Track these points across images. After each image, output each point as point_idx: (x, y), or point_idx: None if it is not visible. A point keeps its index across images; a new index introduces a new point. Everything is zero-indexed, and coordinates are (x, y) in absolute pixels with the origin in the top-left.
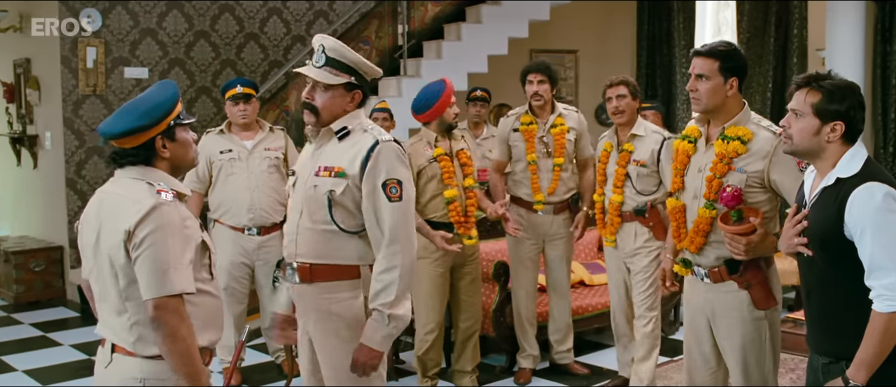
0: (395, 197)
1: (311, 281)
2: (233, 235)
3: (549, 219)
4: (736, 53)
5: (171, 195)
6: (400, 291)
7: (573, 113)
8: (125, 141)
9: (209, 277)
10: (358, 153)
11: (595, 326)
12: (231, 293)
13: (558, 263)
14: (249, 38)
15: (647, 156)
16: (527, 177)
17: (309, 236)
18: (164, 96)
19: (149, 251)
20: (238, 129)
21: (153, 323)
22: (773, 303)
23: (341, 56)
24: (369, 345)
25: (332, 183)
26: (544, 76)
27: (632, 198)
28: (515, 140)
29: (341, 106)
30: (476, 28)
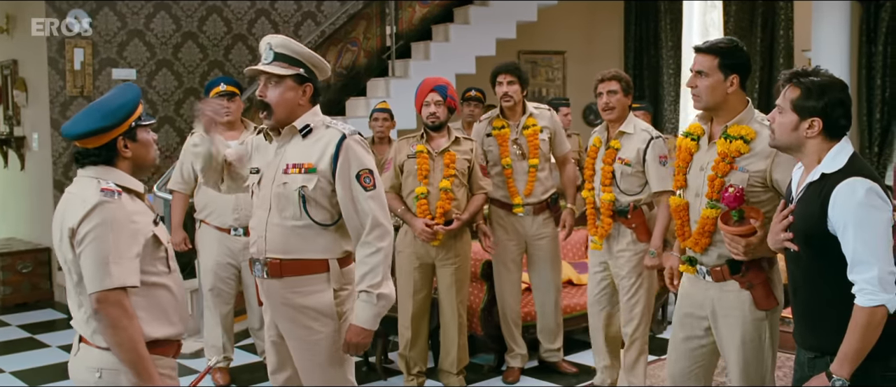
0: (370, 186)
1: (281, 276)
2: (218, 235)
3: (529, 220)
4: (737, 50)
5: (117, 192)
6: (384, 271)
7: (545, 111)
8: (88, 141)
9: (165, 270)
10: (326, 148)
11: (583, 325)
12: (217, 294)
13: (542, 264)
14: (237, 40)
15: (633, 155)
16: (503, 180)
17: (278, 232)
18: (126, 98)
19: (90, 247)
20: (223, 129)
21: (96, 316)
22: (774, 303)
23: (288, 50)
24: (361, 324)
25: (303, 179)
26: (513, 77)
27: (617, 197)
28: (489, 145)
29: (294, 100)
30: (464, 29)
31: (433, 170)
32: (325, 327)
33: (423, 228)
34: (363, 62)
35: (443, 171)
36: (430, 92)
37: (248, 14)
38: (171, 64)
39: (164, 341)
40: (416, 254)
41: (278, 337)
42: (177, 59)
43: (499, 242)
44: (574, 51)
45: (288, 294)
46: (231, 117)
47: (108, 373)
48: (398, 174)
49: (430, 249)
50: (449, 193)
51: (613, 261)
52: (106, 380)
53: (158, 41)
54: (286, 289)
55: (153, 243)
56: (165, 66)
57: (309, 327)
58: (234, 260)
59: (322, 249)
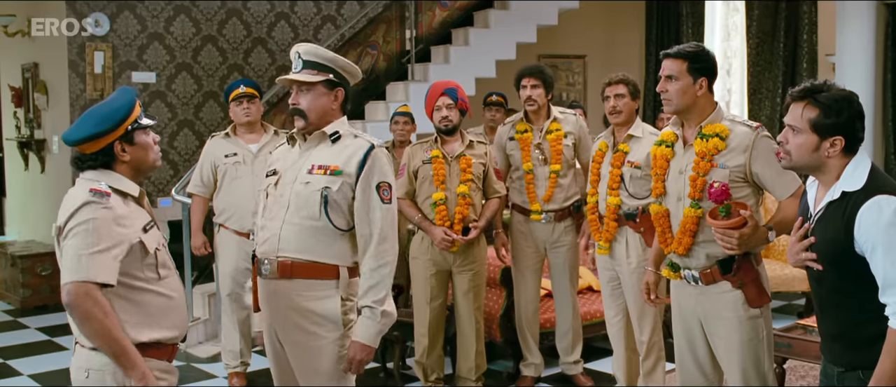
0: (387, 199)
1: (290, 277)
2: (237, 239)
3: (549, 227)
4: (704, 54)
5: (106, 194)
6: (387, 288)
7: (570, 116)
8: (86, 146)
9: (154, 276)
10: (354, 155)
11: (603, 332)
12: (235, 299)
13: (561, 272)
14: (257, 43)
15: (643, 158)
16: (524, 185)
17: (295, 232)
18: (121, 102)
19: (70, 242)
20: (243, 131)
21: (68, 308)
22: (766, 300)
23: (316, 56)
24: (363, 341)
25: (327, 180)
26: (537, 80)
27: (624, 201)
28: (512, 149)
29: (327, 105)
30: (484, 33)
31: (449, 175)
32: (330, 334)
33: (442, 237)
34: (383, 66)
35: (459, 175)
36: (441, 96)
37: (267, 17)
38: (190, 67)
39: (154, 343)
40: (433, 261)
41: (278, 344)
42: (196, 63)
43: (517, 249)
44: (595, 55)
45: (295, 297)
46: (251, 118)
47: (95, 373)
48: (412, 180)
49: (447, 255)
50: (467, 199)
51: (620, 267)
52: (93, 380)
53: (178, 44)
54: (294, 291)
55: (140, 249)
56: (185, 69)
57: (312, 333)
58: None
59: (334, 255)
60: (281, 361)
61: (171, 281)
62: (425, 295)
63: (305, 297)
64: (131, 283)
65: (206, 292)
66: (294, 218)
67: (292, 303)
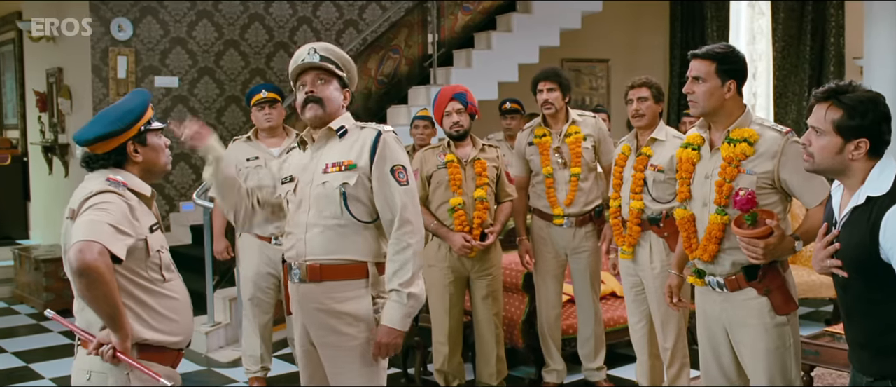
0: (404, 181)
1: (320, 280)
2: (259, 244)
3: (570, 232)
4: (734, 55)
5: (123, 184)
6: (415, 269)
7: (589, 119)
8: (98, 147)
9: (159, 277)
10: (364, 145)
11: (626, 338)
12: (257, 304)
13: (583, 277)
14: (279, 47)
15: (666, 161)
16: (544, 190)
17: (318, 233)
18: (135, 103)
19: (83, 216)
20: (265, 135)
21: (76, 269)
22: (793, 307)
23: (333, 55)
24: (391, 325)
25: (343, 176)
26: (554, 83)
27: (647, 205)
28: (531, 153)
29: (339, 101)
30: (506, 37)
31: (465, 179)
32: (361, 334)
33: (463, 243)
34: (404, 70)
35: (475, 179)
36: (450, 100)
37: (289, 22)
38: (213, 72)
39: (156, 346)
40: (451, 267)
41: (310, 345)
42: (219, 67)
43: (538, 255)
44: (618, 59)
45: (325, 299)
46: (272, 123)
47: (97, 375)
48: (425, 185)
49: (464, 261)
50: (485, 203)
51: (643, 272)
52: (95, 381)
53: (200, 49)
54: (324, 293)
55: (144, 248)
56: (207, 73)
57: (344, 334)
58: (275, 269)
59: (362, 251)
60: (313, 362)
61: (176, 284)
62: (444, 303)
63: (336, 298)
64: (136, 280)
65: (228, 296)
66: (317, 220)
67: (323, 306)
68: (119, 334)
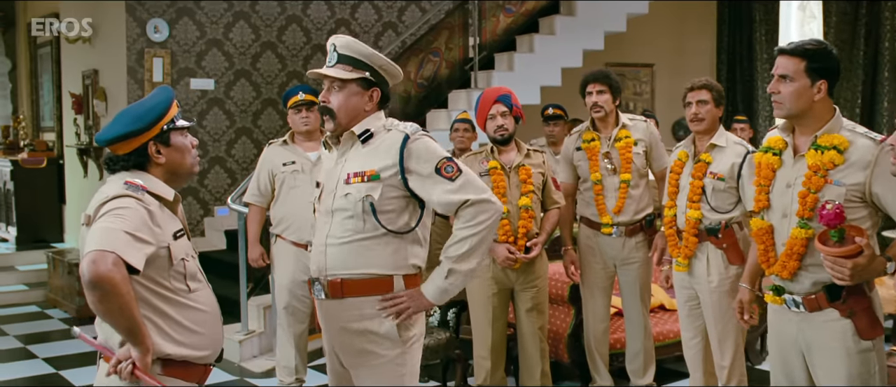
0: (454, 174)
1: (341, 296)
2: (295, 251)
3: (620, 241)
4: (826, 53)
5: (142, 188)
6: (472, 246)
7: (640, 123)
8: (118, 147)
9: (185, 288)
10: (390, 152)
11: (676, 353)
12: (292, 312)
13: (632, 290)
14: (317, 50)
15: (727, 169)
16: (592, 197)
17: (340, 247)
18: (157, 100)
19: (99, 223)
20: (301, 139)
21: (89, 281)
22: (879, 331)
23: (353, 52)
24: (423, 291)
25: (367, 189)
26: (604, 86)
27: (705, 215)
28: (579, 159)
29: (359, 106)
30: (549, 40)
31: (509, 187)
32: (389, 352)
33: (506, 255)
34: (445, 73)
35: (520, 187)
36: (494, 103)
37: (327, 24)
38: (249, 74)
39: (180, 361)
40: (495, 279)
41: (340, 366)
42: (255, 69)
43: (585, 265)
44: (663, 63)
45: (348, 317)
46: (309, 127)
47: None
48: None
49: (508, 272)
50: (530, 211)
51: (699, 285)
52: None
53: (237, 51)
54: (346, 311)
55: (167, 256)
56: (244, 76)
57: (372, 352)
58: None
59: (387, 264)
60: (342, 380)
61: (202, 294)
62: (487, 316)
63: (359, 316)
64: (158, 290)
65: (262, 304)
66: (338, 232)
67: (346, 324)
68: (139, 349)
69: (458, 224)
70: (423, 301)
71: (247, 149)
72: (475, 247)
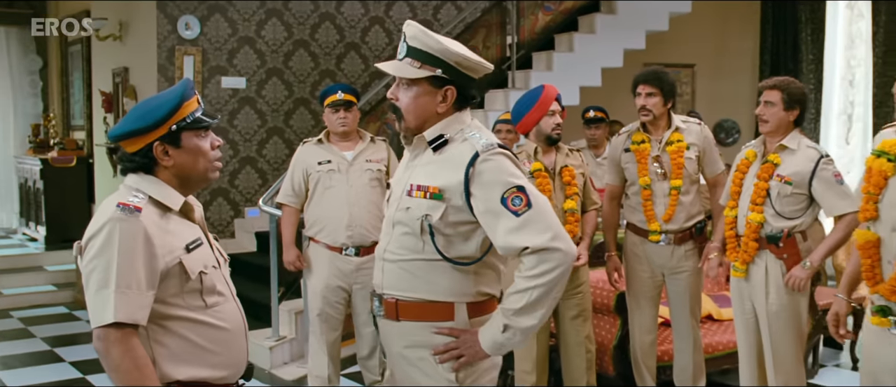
0: (522, 207)
1: (396, 319)
2: (329, 255)
3: (668, 249)
4: None
5: (136, 208)
6: (531, 300)
7: (694, 126)
8: (127, 144)
9: (201, 304)
10: (456, 170)
11: (725, 366)
12: (325, 319)
13: (681, 300)
14: (350, 48)
15: (796, 173)
16: (640, 202)
17: (395, 264)
18: (167, 96)
19: (91, 275)
20: (337, 138)
21: (98, 354)
22: None
23: (422, 44)
24: (479, 337)
25: (427, 207)
26: (654, 87)
27: (768, 220)
28: (627, 161)
29: (430, 107)
30: (589, 39)
31: (554, 190)
32: (444, 383)
33: None
34: None
35: (563, 189)
36: (555, 101)
37: (361, 22)
38: (281, 73)
39: (198, 384)
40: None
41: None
42: (287, 68)
43: (632, 274)
44: (704, 64)
45: (402, 342)
46: (347, 128)
47: None
48: None
49: None
50: (575, 215)
51: (755, 296)
52: None
53: (269, 49)
54: (402, 335)
55: (180, 272)
56: (275, 74)
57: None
58: (345, 282)
59: (449, 291)
60: None
61: (222, 309)
62: None
63: (414, 342)
64: (167, 311)
65: (293, 308)
66: (395, 249)
67: (403, 350)
68: None
69: (519, 270)
70: (478, 350)
71: (278, 149)
72: (536, 302)
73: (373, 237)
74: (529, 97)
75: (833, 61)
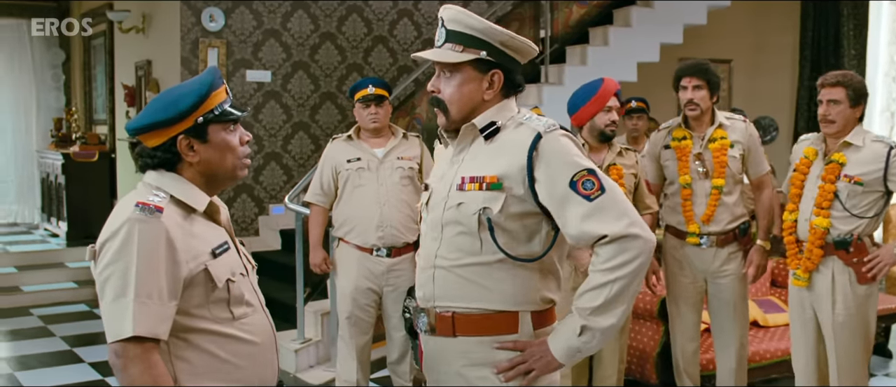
0: (595, 191)
1: (452, 334)
2: (359, 256)
3: (710, 253)
4: None
5: (156, 208)
6: (610, 296)
7: (739, 123)
8: (147, 137)
9: (228, 315)
10: (516, 154)
11: (772, 375)
12: (354, 323)
13: (725, 306)
14: (378, 41)
15: (867, 172)
16: (679, 202)
17: (450, 272)
18: (192, 86)
19: (109, 281)
20: (367, 135)
21: (114, 370)
22: None
23: (464, 26)
24: (549, 346)
25: (484, 198)
26: (701, 80)
27: (835, 224)
28: (667, 158)
29: (476, 94)
30: (625, 32)
31: None
32: None
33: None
34: None
35: None
36: (613, 96)
37: (389, 14)
38: (307, 66)
39: None
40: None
41: None
42: (314, 62)
43: (672, 278)
44: (741, 60)
45: (461, 360)
46: (378, 124)
47: None
48: None
49: None
50: None
51: (820, 305)
52: None
53: (295, 42)
54: (460, 353)
55: (205, 280)
56: (302, 68)
57: None
58: (376, 284)
59: (512, 299)
60: None
61: (250, 321)
62: None
63: (475, 360)
64: (190, 324)
65: (320, 310)
66: (448, 253)
67: (462, 370)
68: None
69: (594, 263)
70: (550, 360)
71: (304, 144)
72: (616, 297)
73: (404, 238)
74: (587, 90)
75: (876, 57)
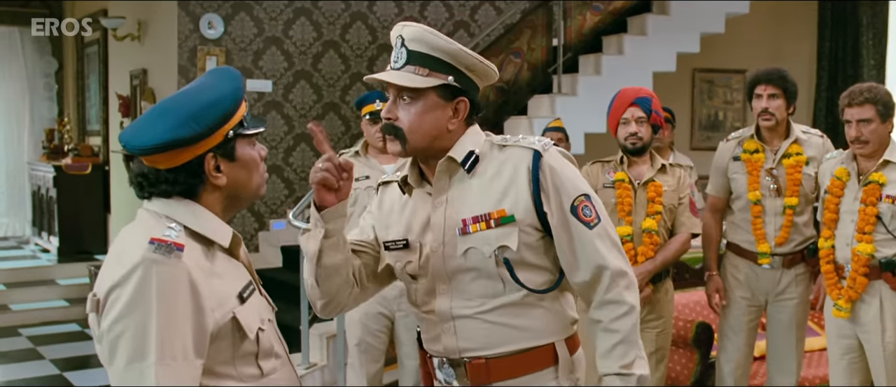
0: (593, 218)
1: (488, 382)
2: None
3: (776, 274)
4: None
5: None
6: (636, 340)
7: (816, 138)
8: (159, 158)
9: (257, 371)
10: (516, 179)
11: None
12: (365, 350)
13: (785, 331)
14: (383, 50)
15: None
16: (748, 219)
17: (474, 320)
18: (223, 90)
19: (122, 339)
20: (376, 151)
21: None
22: None
23: (430, 47)
24: None
25: (498, 237)
26: (778, 88)
27: (881, 247)
28: (735, 171)
29: (440, 123)
30: (640, 41)
31: (635, 204)
32: None
33: None
34: (526, 76)
35: (646, 206)
36: (630, 106)
37: (394, 22)
38: (310, 75)
39: None
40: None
41: None
42: (316, 71)
43: (729, 299)
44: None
45: None
46: None
47: None
48: None
49: None
50: (654, 237)
51: (867, 335)
52: None
53: (297, 50)
54: None
55: (233, 331)
56: (304, 77)
57: None
58: (388, 309)
59: (545, 330)
60: None
61: (279, 378)
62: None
63: None
64: (215, 384)
65: (325, 333)
66: (467, 302)
67: None
68: None
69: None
70: None
71: (306, 157)
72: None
73: None
74: (612, 99)
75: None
